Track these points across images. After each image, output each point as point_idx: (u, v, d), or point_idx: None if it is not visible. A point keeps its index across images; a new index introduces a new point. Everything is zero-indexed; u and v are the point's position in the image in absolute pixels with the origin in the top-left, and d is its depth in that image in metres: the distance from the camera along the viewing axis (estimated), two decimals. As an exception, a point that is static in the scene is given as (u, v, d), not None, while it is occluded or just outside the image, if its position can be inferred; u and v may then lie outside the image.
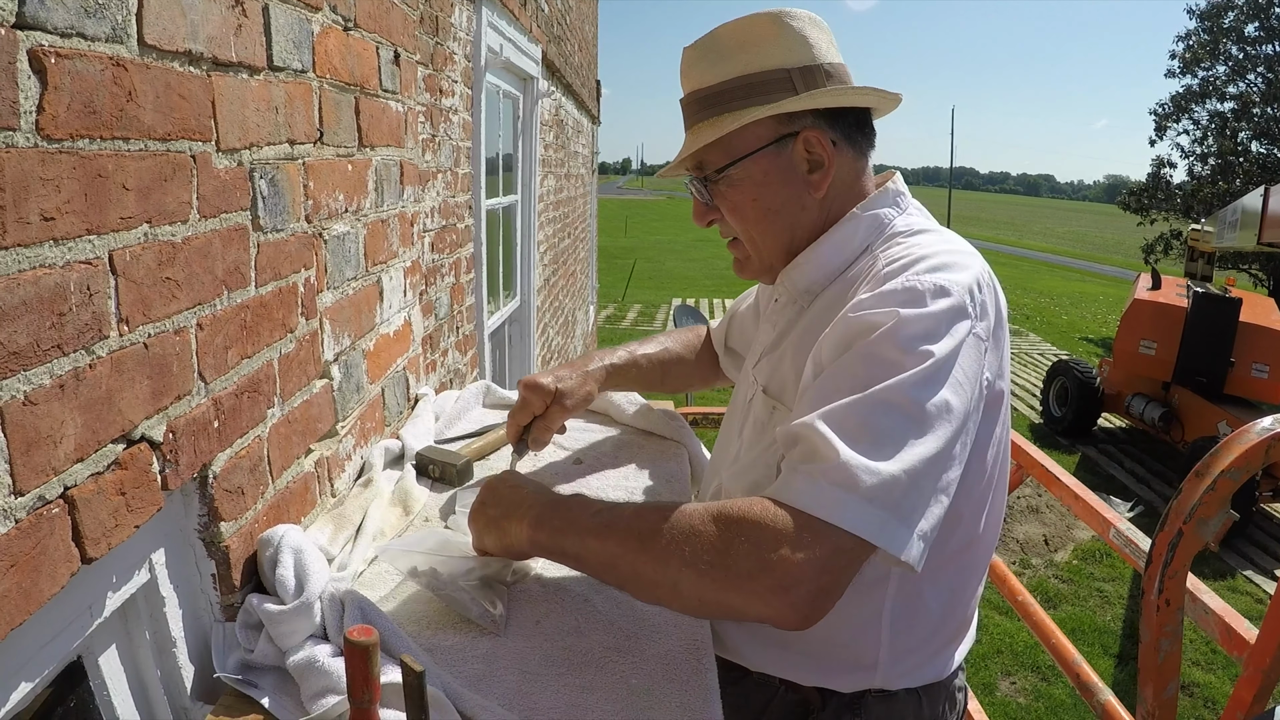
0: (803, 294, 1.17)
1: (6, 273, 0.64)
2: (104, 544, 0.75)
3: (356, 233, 1.46)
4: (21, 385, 0.66)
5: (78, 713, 0.82)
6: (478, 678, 0.99)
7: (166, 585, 0.92)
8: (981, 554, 1.16)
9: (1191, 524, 1.12)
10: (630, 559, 0.92)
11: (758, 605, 0.84)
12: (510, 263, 4.11)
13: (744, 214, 1.14)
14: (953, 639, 1.19)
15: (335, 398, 1.37)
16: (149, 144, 0.80)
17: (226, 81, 0.95)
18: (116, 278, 0.77)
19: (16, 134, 0.64)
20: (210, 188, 0.93)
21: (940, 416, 0.88)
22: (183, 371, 0.89)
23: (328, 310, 1.32)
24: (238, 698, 0.92)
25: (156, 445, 0.84)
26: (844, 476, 0.83)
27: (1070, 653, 1.47)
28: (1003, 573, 1.71)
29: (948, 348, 0.90)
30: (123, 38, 0.75)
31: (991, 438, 1.06)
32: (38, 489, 0.68)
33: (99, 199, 0.74)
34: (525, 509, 1.03)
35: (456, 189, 2.56)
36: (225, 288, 0.97)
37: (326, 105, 1.28)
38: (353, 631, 0.74)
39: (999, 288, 1.04)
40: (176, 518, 0.95)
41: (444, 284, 2.43)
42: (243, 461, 1.02)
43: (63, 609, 0.75)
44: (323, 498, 1.31)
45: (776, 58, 1.09)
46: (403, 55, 1.71)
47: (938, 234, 1.10)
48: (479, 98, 2.73)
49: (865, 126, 1.16)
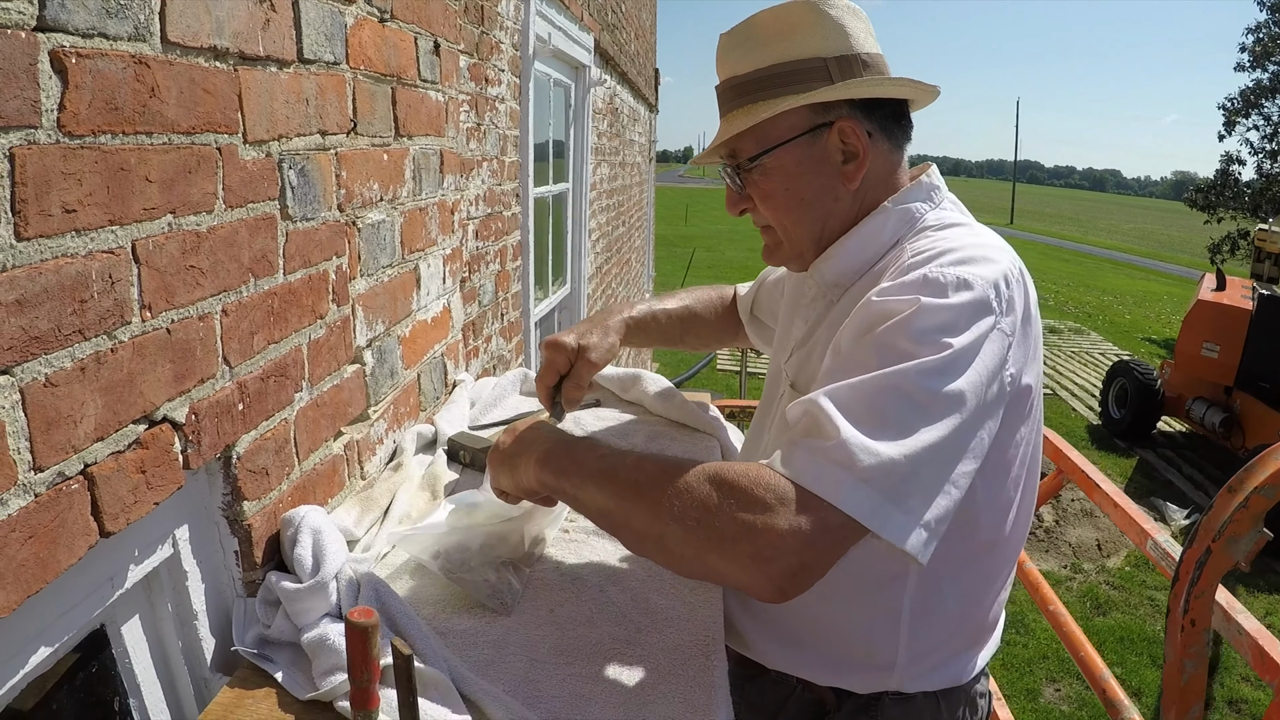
0: (831, 287, 1.16)
1: (29, 262, 0.68)
2: (123, 519, 0.79)
3: (392, 221, 1.49)
4: (43, 368, 0.70)
5: (100, 678, 0.86)
6: (486, 663, 1.01)
7: (189, 560, 0.96)
8: (1007, 555, 1.14)
9: (1221, 542, 1.07)
10: (624, 507, 0.92)
11: (735, 570, 0.84)
12: (561, 250, 4.14)
13: (776, 203, 1.13)
14: (974, 642, 1.17)
15: (368, 382, 1.41)
16: (173, 138, 0.83)
17: (254, 75, 0.98)
18: (139, 266, 0.80)
19: (38, 131, 0.67)
20: (237, 178, 0.96)
21: (950, 407, 0.86)
22: (206, 356, 0.92)
23: (360, 297, 1.36)
24: (253, 670, 0.96)
25: (179, 426, 0.88)
26: (842, 454, 0.82)
27: (1099, 667, 1.43)
28: (1035, 579, 1.67)
29: (966, 340, 0.89)
30: (145, 36, 0.78)
31: (1016, 436, 1.03)
32: (57, 465, 0.72)
33: (121, 191, 0.77)
34: (536, 446, 1.04)
35: (503, 177, 2.59)
36: (252, 275, 1.01)
37: (361, 96, 1.31)
38: (354, 613, 0.76)
39: (1030, 284, 1.02)
40: (201, 495, 0.99)
41: (489, 271, 2.47)
42: (267, 443, 1.06)
43: (83, 579, 0.79)
44: (352, 480, 1.35)
45: (813, 46, 1.07)
46: (444, 45, 1.73)
47: (968, 228, 1.08)
48: (527, 86, 2.76)
49: (902, 118, 1.14)
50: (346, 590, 1.02)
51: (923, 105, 1.19)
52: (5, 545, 0.66)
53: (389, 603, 1.01)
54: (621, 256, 6.90)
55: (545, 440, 1.05)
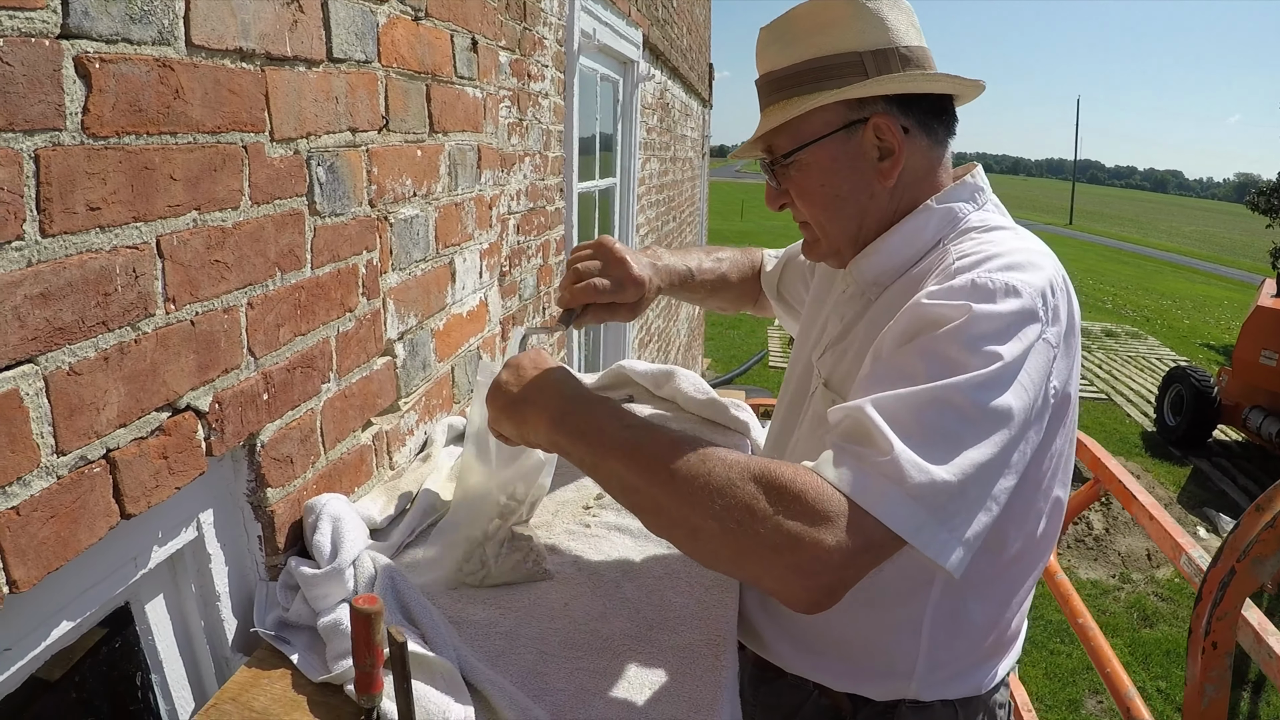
0: (870, 285, 1.14)
1: (53, 257, 0.71)
2: (144, 502, 0.83)
3: (426, 216, 1.52)
4: (66, 357, 0.73)
5: (124, 653, 0.91)
6: (497, 653, 1.03)
7: (213, 543, 1.00)
8: (1032, 566, 1.12)
9: (1246, 562, 1.03)
10: (654, 491, 0.88)
11: (772, 580, 0.83)
12: (608, 245, 4.15)
13: (812, 199, 1.12)
14: (996, 652, 1.15)
15: (399, 374, 1.44)
16: (197, 137, 0.87)
17: (282, 75, 1.01)
18: (163, 260, 0.84)
19: (63, 134, 0.71)
20: (263, 175, 0.99)
21: (999, 422, 0.85)
22: (231, 347, 0.96)
23: (392, 290, 1.39)
24: (271, 652, 0.99)
25: (202, 414, 0.92)
26: (893, 470, 0.81)
27: (1124, 684, 1.39)
28: (1066, 590, 1.63)
29: (1015, 351, 0.87)
30: (170, 40, 0.81)
31: (1052, 449, 1.02)
32: (80, 450, 0.75)
33: (145, 189, 0.80)
34: (548, 399, 0.99)
35: (546, 172, 2.61)
36: (278, 269, 1.04)
37: (393, 93, 1.33)
38: (358, 600, 0.79)
39: (1072, 292, 1.00)
40: (226, 481, 1.02)
41: (530, 266, 2.49)
42: (292, 432, 1.09)
43: (105, 558, 0.83)
44: (380, 469, 1.39)
45: (849, 40, 1.06)
46: (481, 42, 1.76)
47: (1013, 232, 1.05)
48: (571, 81, 2.77)
49: (943, 114, 1.11)
50: (364, 577, 1.05)
51: (968, 100, 1.16)
52: (27, 524, 0.70)
53: (404, 591, 1.04)
54: (672, 251, 6.89)
55: (558, 394, 1.00)
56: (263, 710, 0.91)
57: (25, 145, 0.68)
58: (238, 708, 0.91)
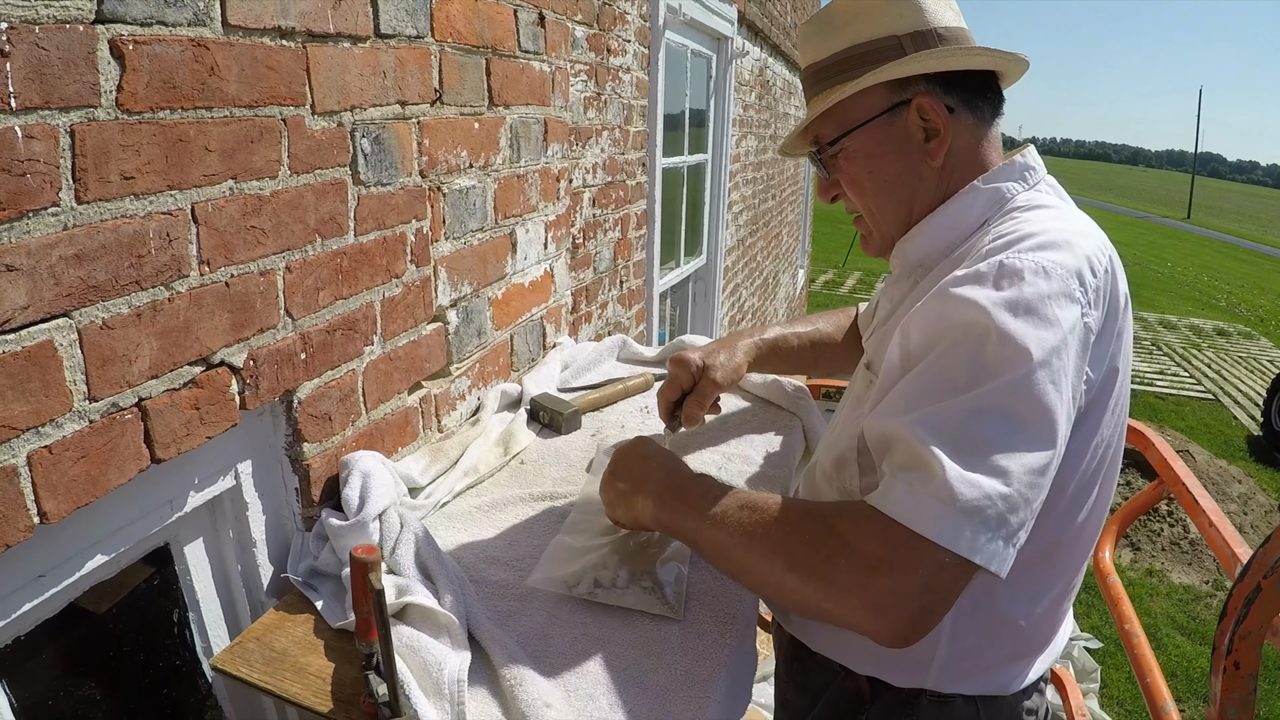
0: (916, 267, 1.13)
1: (87, 222, 0.78)
2: (174, 449, 0.90)
3: (484, 187, 1.57)
4: (100, 312, 0.80)
5: (162, 590, 0.99)
6: (508, 614, 1.07)
7: (250, 492, 1.08)
8: (1068, 563, 1.07)
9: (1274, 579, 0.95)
10: (740, 555, 0.93)
11: (851, 620, 0.84)
12: (697, 221, 4.14)
13: (861, 187, 1.12)
14: (1024, 652, 1.10)
15: (450, 340, 1.49)
16: (234, 111, 0.93)
17: (325, 51, 1.06)
18: (198, 226, 0.90)
19: (97, 110, 0.77)
20: (303, 147, 1.05)
21: (1043, 422, 0.83)
22: (267, 308, 1.02)
23: (444, 259, 1.44)
24: (299, 598, 1.07)
25: (236, 370, 0.98)
26: (946, 492, 0.80)
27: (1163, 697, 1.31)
28: (1117, 594, 1.55)
29: (1050, 342, 0.84)
30: (205, 21, 0.87)
31: (1095, 439, 0.98)
32: (112, 397, 0.83)
33: (180, 160, 0.86)
34: (651, 486, 1.06)
35: (627, 146, 2.62)
36: (319, 235, 1.10)
37: (448, 67, 1.37)
38: (358, 549, 0.84)
39: (1119, 271, 0.96)
40: (265, 434, 1.10)
41: (606, 239, 2.52)
42: (331, 391, 1.16)
43: (140, 499, 0.91)
44: (427, 431, 1.45)
45: (886, 25, 1.05)
46: (550, 17, 1.78)
47: (1054, 211, 1.01)
48: (656, 56, 2.77)
49: (988, 92, 1.09)
50: (390, 531, 1.11)
51: (1014, 78, 1.13)
52: (59, 462, 0.78)
53: (424, 546, 1.09)
54: (770, 230, 6.80)
55: (659, 478, 1.06)
56: (282, 650, 0.98)
57: (61, 121, 0.74)
58: (260, 647, 0.98)
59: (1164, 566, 5.62)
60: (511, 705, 0.91)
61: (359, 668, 0.91)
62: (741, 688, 1.06)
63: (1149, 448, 1.61)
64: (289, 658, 0.97)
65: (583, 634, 1.05)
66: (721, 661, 1.02)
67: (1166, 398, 10.26)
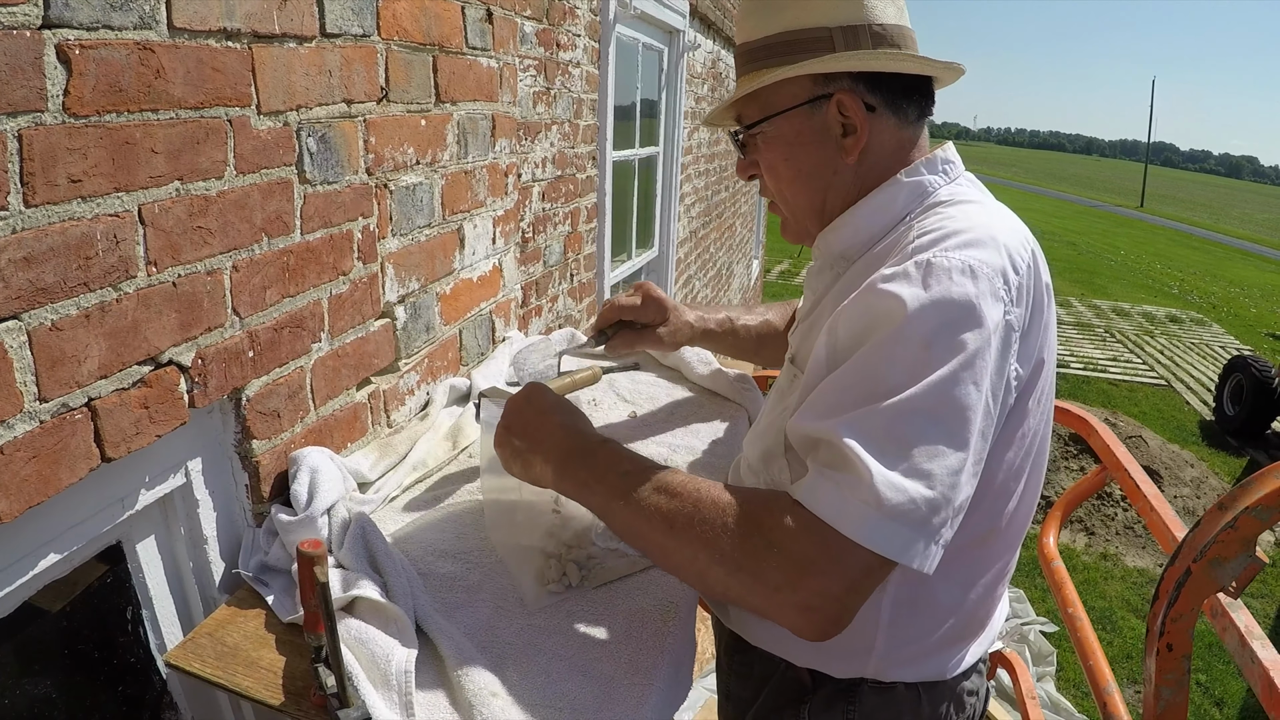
0: (837, 259, 1.14)
1: (36, 225, 0.79)
2: (124, 447, 0.91)
3: (432, 183, 1.58)
4: (49, 314, 0.81)
5: (115, 587, 1.00)
6: (456, 605, 1.10)
7: (201, 490, 1.09)
8: (1000, 549, 1.10)
9: (1203, 563, 1.00)
10: (658, 538, 0.93)
11: (778, 616, 0.86)
12: (649, 213, 4.18)
13: (777, 173, 1.13)
14: (961, 636, 1.13)
15: (398, 336, 1.51)
16: (180, 113, 0.94)
17: (270, 52, 1.07)
18: (145, 227, 0.91)
19: (44, 114, 0.78)
20: (249, 147, 1.06)
21: (968, 416, 0.85)
22: (214, 307, 1.03)
23: (391, 255, 1.46)
24: (250, 593, 1.08)
25: (185, 369, 1.00)
26: (873, 496, 0.82)
27: (1104, 679, 1.38)
28: (1061, 579, 1.62)
29: (974, 343, 0.86)
30: (151, 24, 0.88)
31: (1020, 431, 1.00)
32: (61, 397, 0.84)
33: (127, 162, 0.87)
34: (549, 449, 1.04)
35: (576, 140, 2.64)
36: (265, 235, 1.11)
37: (394, 65, 1.39)
38: (304, 543, 0.86)
39: (1042, 266, 0.99)
40: (215, 432, 1.11)
41: (556, 233, 2.54)
42: (279, 388, 1.17)
43: (91, 497, 0.92)
44: (376, 427, 1.47)
45: (822, 14, 1.05)
46: (498, 13, 1.80)
47: (979, 206, 1.03)
48: (607, 50, 2.79)
49: (914, 93, 1.09)
50: (338, 526, 1.13)
51: (947, 83, 1.15)
52: (10, 462, 0.79)
53: (372, 540, 1.11)
54: (724, 221, 6.86)
55: (558, 445, 1.04)
56: (234, 645, 1.00)
57: (9, 126, 0.75)
58: (213, 642, 1.00)
59: (1118, 550, 5.81)
60: (459, 695, 0.94)
61: (309, 661, 0.93)
62: (683, 675, 1.10)
63: (1092, 434, 1.68)
64: (241, 652, 0.99)
65: (528, 624, 1.08)
66: (664, 650, 1.06)
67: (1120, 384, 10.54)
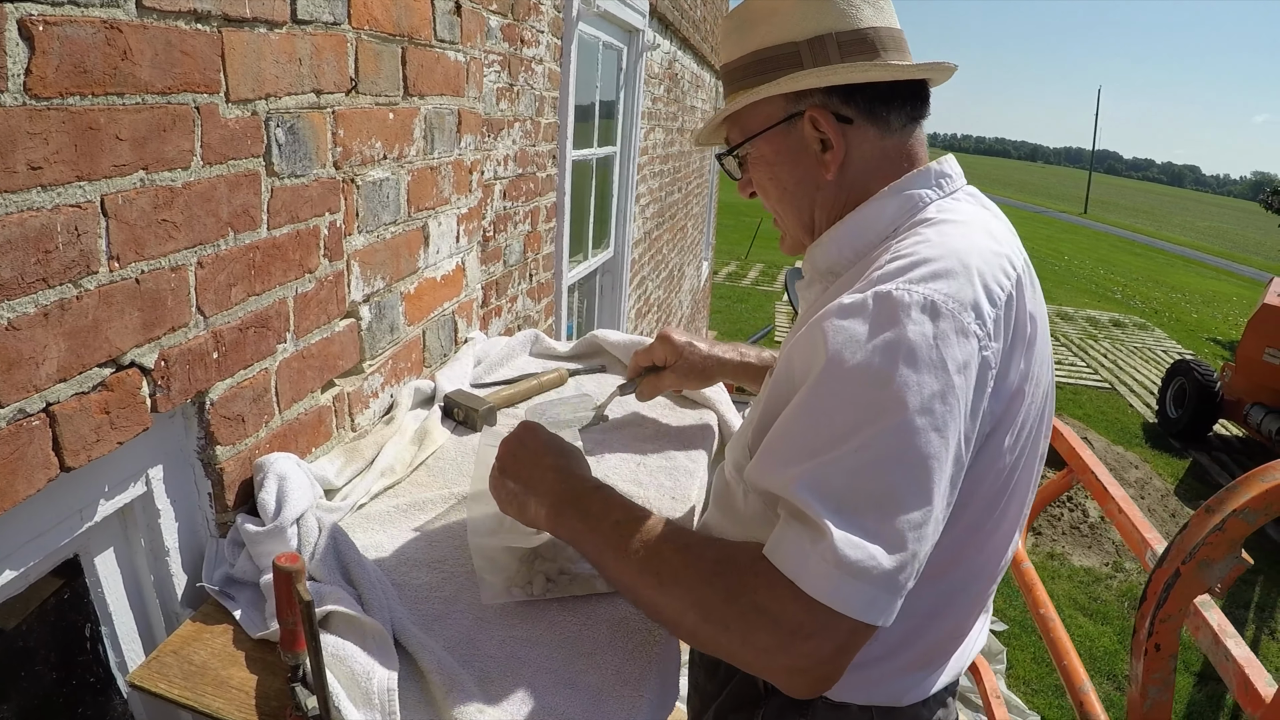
0: (825, 274, 1.11)
1: (-10, 213, 0.73)
2: (84, 456, 0.85)
3: (398, 179, 1.53)
4: (5, 312, 0.75)
5: (72, 603, 0.93)
6: (433, 617, 1.06)
7: (163, 499, 1.02)
8: (967, 580, 1.06)
9: (1192, 565, 1.02)
10: (648, 594, 0.91)
11: (769, 676, 0.85)
12: (605, 213, 4.15)
13: (766, 191, 1.12)
14: (923, 665, 1.09)
15: (363, 337, 1.45)
16: (146, 98, 0.88)
17: (240, 36, 1.01)
18: (108, 219, 0.85)
19: (4, 95, 0.72)
20: (217, 136, 1.00)
21: (930, 470, 0.81)
22: (178, 305, 0.97)
23: (357, 253, 1.40)
24: (216, 607, 1.02)
25: (147, 371, 0.93)
26: (832, 554, 0.79)
27: (1079, 678, 1.40)
28: (1031, 580, 1.65)
29: (932, 386, 0.81)
30: (119, 2, 0.82)
31: (995, 467, 0.96)
32: (18, 403, 0.77)
33: (90, 149, 0.81)
34: (544, 493, 1.03)
35: (538, 138, 2.60)
36: (231, 230, 1.05)
37: (364, 55, 1.33)
38: (280, 558, 0.81)
39: (1027, 294, 0.94)
40: (177, 438, 1.05)
41: (517, 231, 2.50)
42: (244, 391, 1.11)
43: (48, 510, 0.86)
44: (341, 431, 1.41)
45: (790, 29, 1.03)
46: (466, 6, 1.75)
47: (960, 227, 0.98)
48: (569, 48, 2.75)
49: (895, 100, 1.05)
50: (307, 536, 1.08)
51: (940, 82, 1.11)
52: (-41, 474, 0.72)
53: (344, 551, 1.07)
54: (676, 223, 6.86)
55: (552, 485, 1.04)
56: (201, 664, 0.94)
57: (-38, 104, 0.69)
58: (179, 660, 0.94)
59: (1064, 550, 5.96)
60: (445, 712, 0.90)
61: (284, 679, 0.88)
62: (670, 684, 1.08)
63: (1058, 438, 1.71)
64: (209, 671, 0.93)
65: (509, 635, 1.05)
66: (652, 659, 1.04)
67: (1064, 387, 10.77)
